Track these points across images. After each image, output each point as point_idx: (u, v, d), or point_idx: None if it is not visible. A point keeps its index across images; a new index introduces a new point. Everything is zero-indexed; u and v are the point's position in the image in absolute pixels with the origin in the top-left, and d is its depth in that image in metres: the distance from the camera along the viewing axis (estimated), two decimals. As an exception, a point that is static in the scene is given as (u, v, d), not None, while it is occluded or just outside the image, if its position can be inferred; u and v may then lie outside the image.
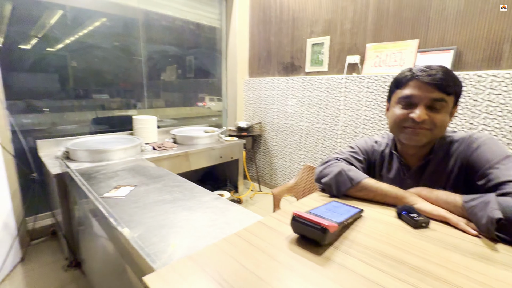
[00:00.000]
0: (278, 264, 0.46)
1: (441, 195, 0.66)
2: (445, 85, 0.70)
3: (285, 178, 2.98)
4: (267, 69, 3.02)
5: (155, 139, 2.34)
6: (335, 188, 0.77)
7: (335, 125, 2.46)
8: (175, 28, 2.69)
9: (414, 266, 0.47)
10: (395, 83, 0.80)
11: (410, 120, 0.74)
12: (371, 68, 2.22)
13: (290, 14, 2.70)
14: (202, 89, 3.09)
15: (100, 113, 2.35)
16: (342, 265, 0.46)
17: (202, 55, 3.01)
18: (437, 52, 1.91)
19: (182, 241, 0.79)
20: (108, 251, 1.16)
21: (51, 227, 2.06)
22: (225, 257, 0.47)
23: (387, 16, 2.10)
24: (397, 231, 0.58)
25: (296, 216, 0.52)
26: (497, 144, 0.71)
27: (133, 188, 1.26)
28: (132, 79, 2.47)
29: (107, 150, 1.77)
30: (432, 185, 0.72)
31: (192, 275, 0.42)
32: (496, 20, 1.67)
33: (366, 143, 0.93)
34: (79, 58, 2.14)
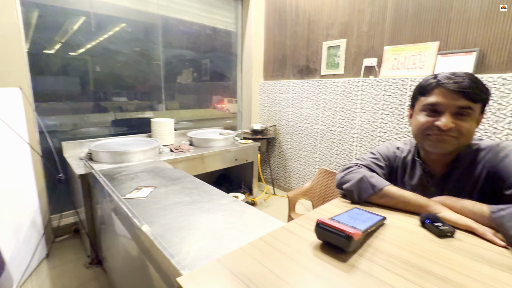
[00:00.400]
0: (303, 269, 0.47)
1: (467, 204, 0.65)
2: (472, 93, 0.69)
3: (300, 181, 2.97)
4: (282, 72, 3.03)
5: (172, 141, 2.40)
6: (356, 194, 0.77)
7: (351, 129, 2.44)
8: (192, 32, 2.76)
9: (440, 276, 0.47)
10: (419, 90, 0.79)
11: (435, 128, 0.73)
12: (388, 71, 2.18)
13: (306, 17, 2.71)
14: (217, 92, 3.14)
15: (119, 115, 2.44)
16: (368, 273, 0.47)
17: (218, 59, 3.06)
18: (458, 54, 1.86)
19: (202, 243, 0.81)
20: (129, 250, 1.20)
21: (74, 225, 2.15)
22: (252, 261, 0.49)
23: (406, 17, 2.06)
24: (421, 240, 0.58)
25: (320, 223, 0.53)
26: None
27: (153, 190, 1.30)
28: (151, 82, 2.55)
29: (128, 152, 1.84)
30: (457, 193, 0.71)
31: (222, 277, 0.44)
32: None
33: (388, 150, 0.92)
34: (101, 62, 2.23)
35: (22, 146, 1.65)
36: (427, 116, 0.75)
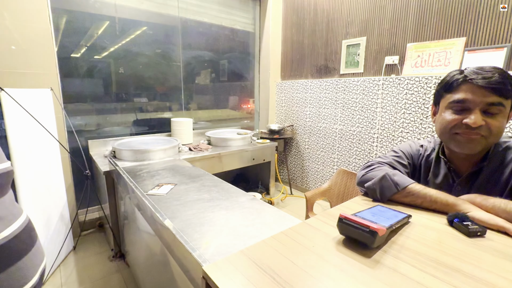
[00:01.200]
0: (327, 263, 0.47)
1: (498, 203, 0.62)
2: (503, 88, 0.66)
3: (317, 182, 2.94)
4: (300, 71, 3.01)
5: (190, 140, 2.46)
6: (379, 192, 0.75)
7: (371, 128, 2.38)
8: (211, 34, 2.81)
9: (470, 274, 0.45)
10: (444, 86, 0.76)
11: (463, 126, 0.70)
12: (411, 69, 2.12)
13: (325, 15, 2.68)
14: (235, 92, 3.17)
15: (140, 115, 2.52)
16: (393, 269, 0.46)
17: (235, 59, 3.09)
18: (487, 50, 1.77)
19: (221, 239, 0.83)
20: (151, 244, 1.24)
21: (98, 220, 2.24)
22: (275, 253, 0.49)
23: (431, 13, 1.99)
24: (450, 239, 0.56)
25: (343, 218, 0.53)
26: None
27: (173, 187, 1.34)
28: (170, 83, 2.62)
29: (149, 150, 1.90)
30: (486, 193, 0.68)
31: (246, 268, 0.45)
32: (560, 13, 1.51)
33: (411, 147, 0.90)
34: (124, 64, 2.33)
35: (53, 143, 1.75)
36: (454, 113, 0.72)
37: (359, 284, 0.42)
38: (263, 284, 0.41)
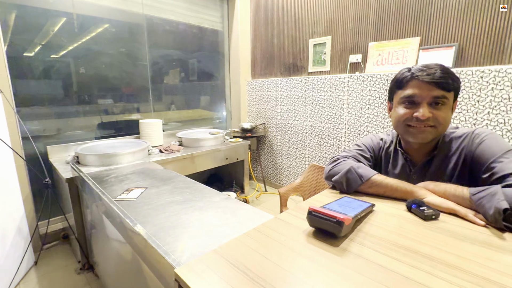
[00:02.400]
0: (298, 255, 0.49)
1: (449, 188, 0.69)
2: (445, 83, 0.73)
3: (290, 178, 3.01)
4: (270, 70, 3.05)
5: (161, 142, 2.38)
6: (345, 185, 0.79)
7: (339, 124, 2.49)
8: (178, 32, 2.74)
9: (427, 254, 0.49)
10: (395, 83, 0.83)
11: (414, 118, 0.77)
12: (373, 67, 2.24)
13: (292, 15, 2.74)
14: (205, 92, 3.13)
15: (105, 118, 2.39)
16: (359, 255, 0.49)
17: (205, 58, 3.05)
18: (439, 49, 1.93)
19: (196, 241, 0.82)
20: (122, 252, 1.19)
21: (63, 231, 2.09)
22: (248, 250, 0.50)
23: (388, 14, 2.12)
24: (408, 224, 0.61)
25: (312, 210, 0.55)
26: (499, 138, 0.74)
27: (144, 190, 1.29)
28: (137, 83, 2.52)
29: (116, 154, 1.81)
30: (438, 180, 0.75)
31: (219, 267, 0.45)
32: (498, 15, 1.69)
33: (372, 141, 0.96)
34: (85, 64, 2.19)
35: (5, 151, 1.60)
36: (405, 108, 0.79)
37: (328, 272, 0.44)
38: (236, 282, 0.42)
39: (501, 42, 1.70)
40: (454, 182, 0.73)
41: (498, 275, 0.44)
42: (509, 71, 1.66)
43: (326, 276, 0.43)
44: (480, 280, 0.43)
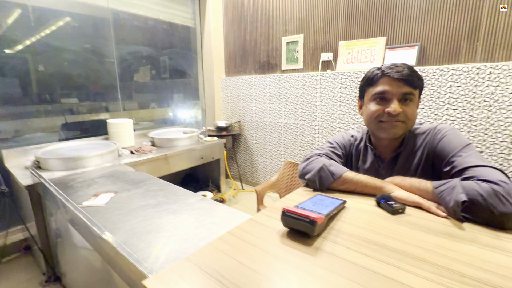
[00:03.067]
0: (272, 257, 0.48)
1: (414, 182, 0.73)
2: (412, 80, 0.78)
3: (267, 175, 3.03)
4: (244, 68, 3.03)
5: (132, 143, 2.28)
6: (318, 183, 0.81)
7: (312, 121, 2.54)
8: (147, 28, 2.62)
9: (394, 248, 0.51)
10: (366, 81, 0.87)
11: (386, 114, 0.80)
12: (344, 65, 2.31)
13: (264, 12, 2.73)
14: (178, 90, 3.04)
15: (70, 118, 2.24)
16: (331, 253, 0.50)
17: (177, 55, 2.96)
18: (403, 48, 2.03)
19: (171, 246, 0.79)
20: (91, 261, 1.13)
21: (24, 242, 1.94)
22: (221, 255, 0.49)
23: (357, 14, 2.19)
24: (378, 218, 0.64)
25: (285, 211, 0.55)
26: (458, 134, 0.79)
27: (114, 195, 1.23)
28: (105, 81, 2.38)
29: (82, 157, 1.70)
30: (404, 174, 0.79)
31: (190, 275, 0.44)
32: (455, 17, 1.81)
33: (344, 138, 0.99)
34: (45, 61, 2.02)
35: (-49, 158, 1.44)
36: (377, 104, 0.83)
37: (301, 273, 0.44)
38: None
39: (457, 43, 1.83)
40: (418, 176, 0.77)
41: (458, 264, 0.47)
42: (464, 69, 1.80)
43: (300, 277, 0.43)
44: (442, 271, 0.45)
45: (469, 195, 0.60)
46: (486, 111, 1.77)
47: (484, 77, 1.74)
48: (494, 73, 1.71)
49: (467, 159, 0.69)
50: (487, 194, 0.58)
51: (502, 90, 1.70)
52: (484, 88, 1.75)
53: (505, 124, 1.72)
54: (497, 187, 0.58)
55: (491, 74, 1.72)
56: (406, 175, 0.77)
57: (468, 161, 0.68)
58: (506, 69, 1.67)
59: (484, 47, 1.75)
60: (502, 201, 0.57)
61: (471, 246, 0.52)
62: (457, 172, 0.70)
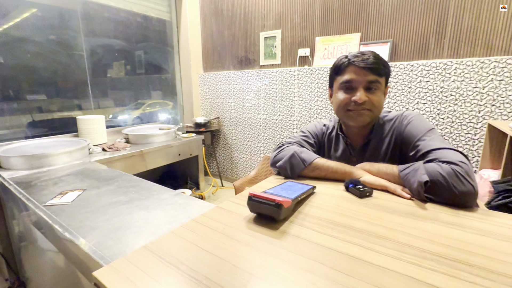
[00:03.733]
0: (236, 242, 0.47)
1: (381, 167, 0.75)
2: (377, 68, 0.79)
3: (246, 171, 3.01)
4: (222, 63, 2.99)
5: (104, 140, 2.18)
6: (289, 170, 0.81)
7: (290, 116, 2.55)
8: (120, 20, 2.51)
9: (360, 229, 0.52)
10: (334, 70, 0.87)
11: (353, 103, 0.81)
12: (320, 60, 2.34)
13: (242, 7, 2.71)
14: (154, 86, 2.94)
15: (37, 116, 2.11)
16: (297, 236, 0.49)
17: (152, 50, 2.86)
18: (376, 44, 2.09)
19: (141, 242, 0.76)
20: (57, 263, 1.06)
21: (-16, 248, 1.80)
22: (183, 243, 0.47)
23: (332, 10, 2.23)
24: (346, 202, 0.64)
25: (252, 195, 0.54)
26: (423, 119, 0.82)
27: (81, 193, 1.17)
28: (74, 76, 2.25)
29: (48, 155, 1.60)
30: (374, 160, 0.81)
31: (148, 264, 0.41)
32: (423, 16, 1.89)
33: (316, 127, 0.99)
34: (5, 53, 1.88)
35: None
36: (345, 93, 0.83)
37: (265, 255, 0.43)
38: (166, 278, 0.38)
39: (426, 40, 1.91)
40: (388, 161, 0.79)
41: (419, 241, 0.48)
42: (433, 65, 1.87)
43: (264, 260, 0.42)
44: (403, 247, 0.46)
45: (431, 176, 0.62)
46: (452, 105, 1.85)
47: (450, 72, 1.83)
48: (459, 69, 1.80)
49: (430, 142, 0.72)
50: (448, 175, 0.60)
51: (467, 85, 1.79)
52: (451, 83, 1.84)
53: (470, 117, 1.81)
54: (457, 167, 0.61)
55: (456, 70, 1.81)
56: (376, 161, 0.79)
57: (431, 145, 0.71)
58: (470, 65, 1.76)
59: (450, 44, 1.84)
60: (462, 180, 0.59)
61: (432, 224, 0.53)
62: (421, 155, 0.72)
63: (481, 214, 0.58)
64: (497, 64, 1.68)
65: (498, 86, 1.70)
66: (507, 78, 1.67)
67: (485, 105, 1.75)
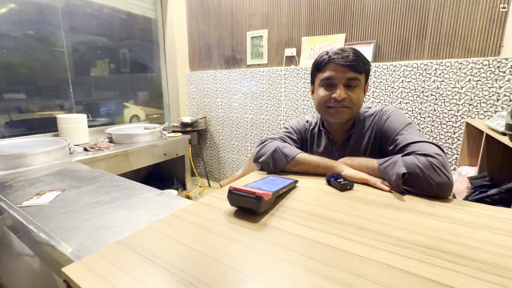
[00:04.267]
0: (215, 235, 0.46)
1: (362, 161, 0.76)
2: (357, 65, 0.80)
3: (234, 171, 3.00)
4: (209, 62, 2.97)
5: (86, 140, 2.12)
6: (272, 165, 0.81)
7: (277, 116, 2.57)
8: (103, 17, 2.45)
9: (339, 220, 0.52)
10: (315, 66, 0.88)
11: (332, 100, 0.82)
12: (306, 60, 2.36)
13: (229, 6, 2.70)
14: (140, 85, 2.89)
15: (15, 116, 2.03)
16: (277, 228, 0.49)
17: (137, 48, 2.81)
18: (360, 45, 2.13)
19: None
20: (34, 267, 1.02)
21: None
22: (160, 237, 0.46)
23: (318, 11, 2.25)
24: (327, 195, 0.64)
25: (232, 189, 0.53)
26: (401, 114, 0.84)
27: (60, 193, 1.13)
28: (54, 74, 2.18)
29: (25, 155, 1.54)
30: (355, 155, 0.82)
31: (122, 259, 0.40)
32: (405, 18, 1.94)
33: (299, 123, 1.00)
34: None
35: None
36: (325, 90, 0.85)
37: (244, 248, 0.43)
38: (141, 273, 0.37)
39: (408, 41, 1.96)
40: (368, 156, 0.81)
41: (396, 230, 0.49)
42: (414, 65, 1.93)
43: (242, 252, 0.42)
44: (381, 236, 0.46)
45: (409, 168, 0.63)
46: (433, 104, 1.91)
47: (431, 73, 1.88)
48: (439, 69, 1.86)
49: (408, 136, 0.73)
50: (425, 166, 0.62)
51: (446, 85, 1.85)
52: (431, 83, 1.89)
53: (449, 116, 1.88)
54: (433, 159, 0.62)
55: (436, 70, 1.87)
56: (357, 155, 0.81)
57: (409, 138, 0.72)
58: (449, 66, 1.82)
59: (430, 46, 1.90)
60: (438, 172, 0.61)
61: (409, 214, 0.55)
62: (400, 149, 0.74)
63: (455, 204, 0.59)
64: (474, 65, 1.75)
65: (475, 86, 1.76)
66: (483, 78, 1.74)
67: (463, 104, 1.82)
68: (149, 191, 1.15)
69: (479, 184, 1.35)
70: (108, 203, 1.02)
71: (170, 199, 1.06)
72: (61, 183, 1.25)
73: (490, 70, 1.71)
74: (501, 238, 0.46)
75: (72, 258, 0.68)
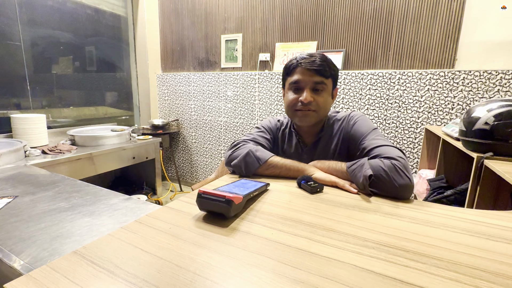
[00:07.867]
0: (182, 242, 0.44)
1: (331, 164, 0.78)
2: (323, 70, 0.83)
3: (207, 175, 2.95)
4: (182, 63, 2.91)
5: (45, 142, 1.96)
6: (244, 168, 0.80)
7: (251, 119, 2.57)
8: (67, 10, 2.30)
9: (308, 222, 0.53)
10: (285, 70, 0.91)
11: (300, 103, 0.85)
12: (280, 65, 2.40)
13: (203, 8, 2.68)
14: (107, 85, 2.74)
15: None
16: (247, 232, 0.48)
17: (105, 46, 2.67)
18: (331, 53, 2.21)
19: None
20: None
21: None
22: (122, 245, 0.43)
23: (291, 18, 2.31)
24: (297, 198, 0.65)
25: (201, 193, 0.51)
26: (367, 120, 0.89)
27: (11, 200, 1.03)
28: (9, 69, 1.99)
29: (-30, 157, 1.38)
30: (324, 157, 0.85)
31: (76, 271, 0.36)
32: (371, 29, 2.05)
33: (271, 122, 1.02)
34: None
35: None
36: (293, 93, 0.87)
37: (212, 254, 0.41)
38: (97, 284, 0.34)
39: (374, 51, 2.08)
40: (336, 158, 0.84)
41: (362, 231, 0.50)
42: (380, 74, 2.04)
43: (209, 258, 0.40)
44: (348, 237, 0.48)
45: (374, 170, 0.66)
46: (396, 111, 2.04)
47: (395, 81, 2.01)
48: (402, 79, 1.98)
49: (373, 141, 0.77)
50: (389, 169, 0.65)
51: (408, 94, 1.98)
52: (395, 91, 2.02)
53: (410, 123, 2.01)
54: (396, 162, 0.66)
55: (399, 79, 1.99)
56: (326, 158, 0.83)
57: (374, 143, 0.76)
58: (410, 76, 1.96)
59: (394, 56, 2.02)
60: (400, 174, 0.65)
61: (374, 215, 0.57)
62: (366, 152, 0.77)
63: (416, 205, 0.63)
64: (432, 76, 1.90)
65: (433, 95, 1.91)
66: (440, 88, 1.88)
67: (423, 112, 1.96)
68: (115, 196, 1.08)
69: (437, 186, 1.46)
70: (67, 210, 0.95)
71: (138, 205, 1.01)
72: (13, 189, 1.14)
73: (446, 81, 1.86)
74: (456, 236, 0.49)
75: (23, 272, 0.62)
